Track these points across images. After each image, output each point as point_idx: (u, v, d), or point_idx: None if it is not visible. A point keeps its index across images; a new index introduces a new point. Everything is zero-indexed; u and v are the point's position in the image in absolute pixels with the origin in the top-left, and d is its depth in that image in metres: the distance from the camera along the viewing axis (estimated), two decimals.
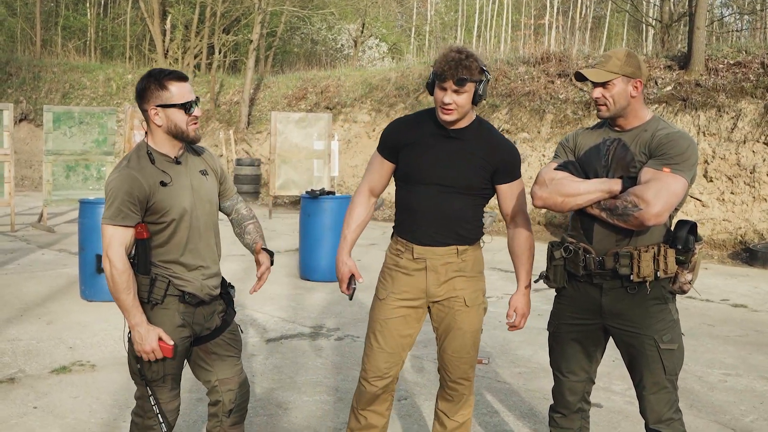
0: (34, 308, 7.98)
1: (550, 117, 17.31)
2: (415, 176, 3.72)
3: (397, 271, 3.77)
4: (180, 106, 3.34)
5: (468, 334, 3.74)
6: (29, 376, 5.79)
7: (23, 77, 29.44)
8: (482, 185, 3.69)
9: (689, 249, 3.30)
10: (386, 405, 3.89)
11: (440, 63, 3.51)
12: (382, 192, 3.97)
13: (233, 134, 23.90)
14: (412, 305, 3.75)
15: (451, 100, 3.50)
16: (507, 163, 3.70)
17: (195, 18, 31.11)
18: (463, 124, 3.65)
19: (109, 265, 3.22)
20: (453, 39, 36.30)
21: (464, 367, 3.78)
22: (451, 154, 3.65)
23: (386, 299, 3.78)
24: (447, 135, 3.66)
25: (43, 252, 11.76)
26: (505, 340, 7.12)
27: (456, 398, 3.84)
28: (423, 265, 3.69)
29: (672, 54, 17.22)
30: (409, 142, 3.73)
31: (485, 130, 3.72)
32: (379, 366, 3.78)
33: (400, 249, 3.78)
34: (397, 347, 3.77)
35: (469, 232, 3.72)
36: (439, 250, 3.68)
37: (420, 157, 3.70)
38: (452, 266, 3.68)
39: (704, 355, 6.75)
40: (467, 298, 3.71)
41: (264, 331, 7.24)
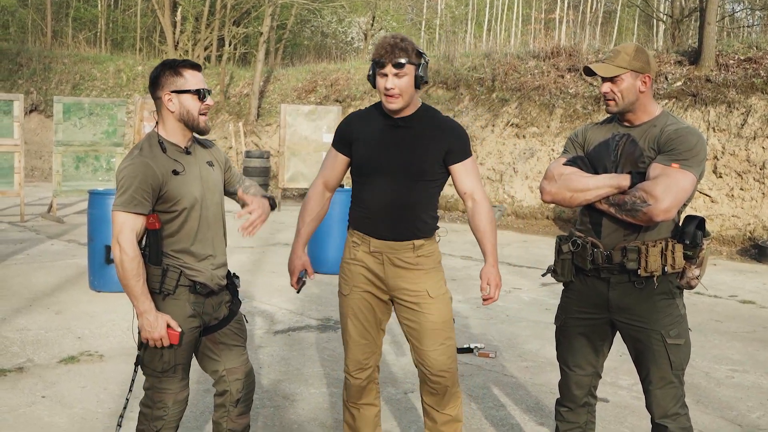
0: (42, 298, 8.01)
1: (560, 111, 17.28)
2: (366, 168, 3.75)
3: (355, 264, 3.80)
4: (194, 92, 3.38)
5: (439, 325, 3.73)
6: (38, 365, 5.82)
7: (34, 68, 29.49)
8: (435, 170, 3.70)
9: (697, 244, 3.30)
10: (373, 394, 3.94)
11: (377, 50, 3.57)
12: (337, 186, 3.98)
13: (243, 126, 23.92)
14: (377, 295, 3.79)
15: (393, 85, 3.54)
16: (456, 143, 3.71)
17: (205, 10, 31.11)
18: (409, 111, 3.69)
19: (120, 251, 3.24)
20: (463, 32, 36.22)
21: (442, 358, 3.75)
22: (400, 143, 3.68)
23: (350, 294, 3.82)
24: (395, 124, 3.70)
25: (53, 242, 11.80)
26: (513, 334, 7.13)
27: (441, 391, 3.80)
28: (381, 258, 3.72)
29: (682, 49, 17.16)
30: (360, 134, 3.78)
31: (431, 116, 3.76)
32: (358, 358, 3.84)
33: (356, 242, 3.81)
34: (370, 336, 3.83)
35: (425, 223, 3.73)
36: (395, 244, 3.70)
37: (370, 148, 3.73)
38: (410, 260, 3.70)
39: (711, 351, 6.74)
40: (430, 290, 3.71)
41: (272, 323, 7.26)
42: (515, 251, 12.38)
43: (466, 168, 3.74)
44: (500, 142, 17.88)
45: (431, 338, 3.72)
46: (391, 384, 5.56)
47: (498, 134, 18.06)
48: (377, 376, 3.96)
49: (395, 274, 3.70)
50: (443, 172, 3.74)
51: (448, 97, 19.97)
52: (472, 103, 19.33)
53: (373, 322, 3.82)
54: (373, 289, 3.77)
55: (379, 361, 3.93)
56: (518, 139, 17.62)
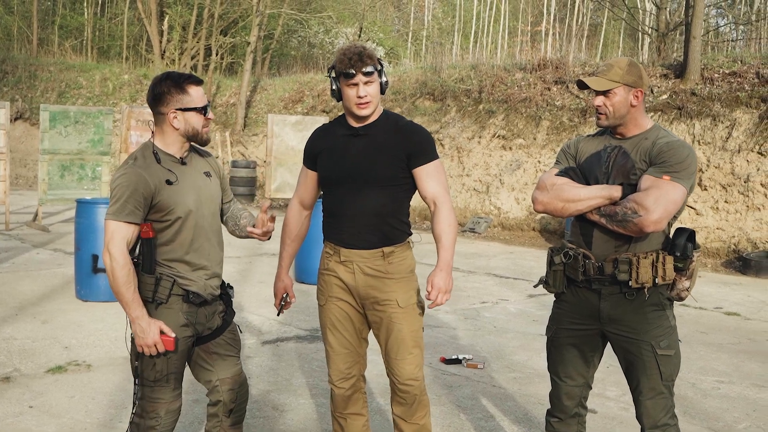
0: (29, 307, 7.97)
1: (546, 124, 17.36)
2: (331, 178, 3.76)
3: (329, 274, 3.80)
4: (199, 110, 3.42)
5: (408, 335, 3.71)
6: (25, 375, 5.79)
7: (19, 76, 29.40)
8: (399, 174, 3.68)
9: (687, 256, 3.33)
10: (360, 404, 3.93)
11: (343, 61, 3.58)
12: (314, 203, 3.98)
13: (229, 136, 23.92)
14: (352, 304, 3.78)
15: (365, 93, 3.57)
16: (418, 146, 3.68)
17: (192, 19, 31.14)
18: (371, 119, 3.71)
19: (110, 259, 3.25)
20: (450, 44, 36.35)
21: (409, 368, 3.74)
22: (362, 150, 3.68)
23: (326, 304, 3.83)
24: (356, 133, 3.71)
25: (38, 251, 11.75)
26: (501, 345, 7.15)
27: (409, 400, 3.79)
28: (351, 268, 3.71)
29: (668, 63, 17.29)
30: (324, 147, 3.80)
31: (392, 121, 3.76)
32: (340, 368, 3.84)
33: (329, 252, 3.81)
34: (352, 345, 3.82)
35: (394, 228, 3.71)
36: (364, 252, 3.68)
37: (332, 159, 3.75)
38: (380, 268, 3.69)
39: (697, 362, 6.78)
40: (400, 299, 3.69)
41: (260, 333, 7.25)
42: (502, 263, 12.41)
43: (428, 171, 3.69)
44: (487, 154, 17.94)
45: (399, 348, 3.72)
46: (380, 395, 5.57)
47: (485, 146, 18.13)
48: (363, 386, 3.95)
49: (365, 282, 3.69)
50: (408, 177, 3.71)
51: (435, 109, 20.04)
52: (458, 114, 19.41)
53: (352, 332, 3.81)
54: (348, 298, 3.76)
55: (363, 371, 3.93)
56: (505, 150, 17.69)
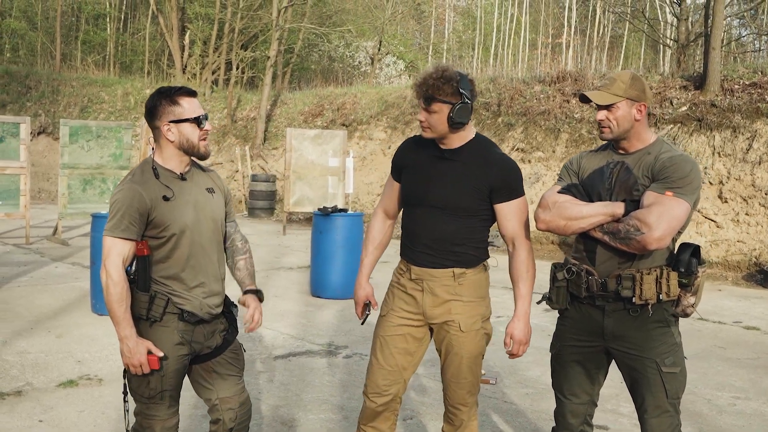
0: (44, 321, 8.01)
1: (566, 136, 17.30)
2: (411, 198, 3.74)
3: (399, 289, 3.79)
4: (192, 120, 3.39)
5: (464, 360, 3.68)
6: (36, 389, 5.80)
7: (42, 91, 29.70)
8: (477, 206, 3.61)
9: (692, 272, 3.28)
10: (388, 423, 3.86)
11: (415, 80, 3.57)
12: (398, 213, 3.96)
13: (249, 150, 23.99)
14: (412, 324, 3.74)
15: (423, 118, 3.54)
16: (502, 182, 3.59)
17: (213, 34, 31.32)
18: (456, 143, 3.63)
19: (105, 276, 3.25)
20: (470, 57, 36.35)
21: (461, 392, 3.74)
22: (445, 175, 3.63)
23: (387, 315, 3.80)
24: (441, 156, 3.65)
25: (57, 265, 11.82)
26: (514, 360, 7.07)
27: (456, 422, 3.81)
28: (421, 286, 3.68)
29: (688, 74, 17.19)
30: (409, 163, 3.77)
31: (482, 149, 3.66)
32: (378, 382, 3.78)
33: (402, 269, 3.80)
34: (397, 365, 3.76)
35: (466, 254, 3.67)
36: (435, 272, 3.65)
37: (415, 178, 3.72)
38: (449, 289, 3.65)
39: (714, 378, 6.70)
40: (462, 323, 3.64)
41: (272, 348, 7.24)
42: (541, 278, 12.32)
43: (510, 209, 3.61)
44: None
45: (453, 371, 3.70)
46: None
47: None
48: (397, 407, 3.86)
49: (433, 303, 3.66)
50: (488, 209, 3.63)
51: None
52: (478, 127, 19.37)
53: (402, 352, 3.75)
54: (410, 319, 3.73)
55: (402, 393, 3.84)
56: (524, 163, 17.63)
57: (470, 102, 3.50)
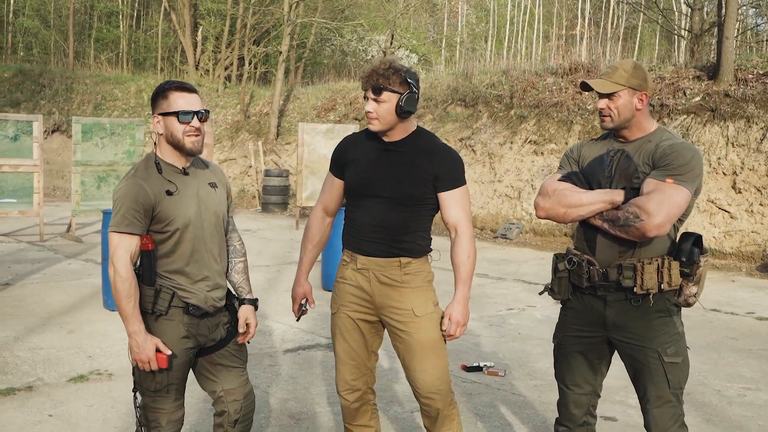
0: (56, 317, 8.05)
1: (578, 128, 17.23)
2: (356, 190, 3.75)
3: (344, 282, 3.79)
4: (174, 114, 3.37)
5: (426, 345, 3.65)
6: (47, 384, 5.84)
7: (56, 89, 29.82)
8: (424, 195, 3.64)
9: (693, 261, 3.26)
10: (368, 416, 3.89)
11: (363, 72, 3.61)
12: (337, 210, 3.97)
13: (262, 145, 24.03)
14: (365, 314, 3.75)
15: (371, 109, 3.56)
16: (446, 171, 3.64)
17: (226, 30, 31.36)
18: (399, 135, 3.66)
19: (113, 272, 3.27)
20: (483, 50, 36.28)
21: (430, 380, 3.66)
22: (390, 166, 3.65)
23: (338, 312, 3.81)
24: (386, 148, 3.68)
25: (70, 262, 11.88)
26: (524, 352, 7.08)
27: (432, 413, 3.73)
28: (367, 275, 3.69)
29: (701, 64, 17.08)
30: (353, 158, 3.78)
31: (425, 140, 3.70)
32: (346, 379, 3.80)
33: (346, 260, 3.80)
34: (359, 358, 3.78)
35: (413, 243, 3.68)
36: (382, 261, 3.66)
37: (360, 171, 3.73)
38: (396, 277, 3.65)
39: (725, 369, 6.66)
40: (416, 308, 3.64)
41: (282, 342, 7.25)
42: (532, 269, 12.31)
43: (453, 197, 3.66)
44: (518, 159, 17.85)
45: (418, 359, 3.66)
46: (397, 403, 5.54)
47: (516, 151, 18.03)
48: (371, 398, 3.90)
49: (381, 291, 3.67)
50: (433, 197, 3.67)
51: (467, 115, 19.99)
52: (490, 120, 19.33)
53: (360, 343, 3.77)
54: (360, 309, 3.73)
55: (371, 384, 3.87)
56: (536, 156, 17.58)
57: (417, 92, 3.57)
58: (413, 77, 3.57)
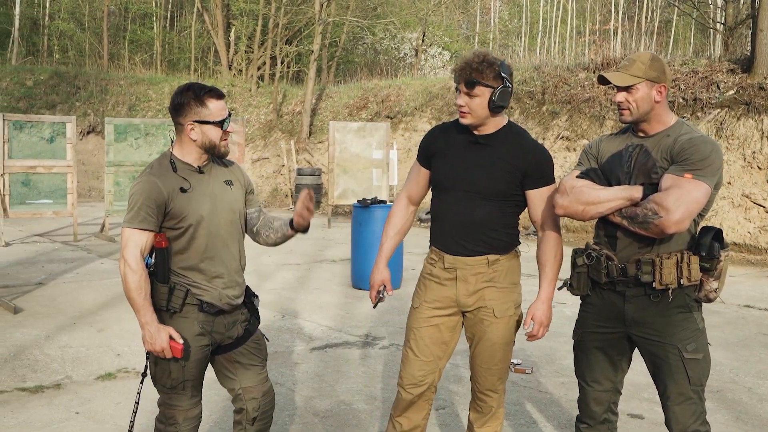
0: (87, 316, 8.13)
1: (611, 123, 17.08)
2: (443, 183, 3.72)
3: (430, 279, 3.77)
4: (217, 123, 3.42)
5: (497, 346, 3.67)
6: (75, 382, 5.89)
7: (91, 90, 30.10)
8: (511, 191, 3.62)
9: (714, 256, 3.21)
10: (423, 413, 3.86)
11: (456, 65, 3.55)
12: (421, 200, 3.95)
13: (295, 144, 24.10)
14: (445, 314, 3.72)
15: (463, 102, 3.53)
16: (536, 168, 3.61)
17: (258, 30, 31.48)
18: (490, 129, 3.62)
19: (123, 265, 3.29)
20: (516, 46, 36.13)
21: (492, 378, 3.73)
22: (478, 160, 3.62)
23: (419, 308, 3.78)
24: (475, 141, 3.65)
25: (102, 261, 11.99)
26: (552, 349, 7.03)
27: (485, 409, 3.80)
28: (454, 275, 3.66)
29: (735, 57, 16.86)
30: (440, 149, 3.74)
31: (515, 135, 3.66)
32: (414, 373, 3.77)
33: (433, 258, 3.77)
34: (432, 355, 3.75)
35: (499, 240, 3.66)
36: (469, 260, 3.64)
37: (447, 163, 3.70)
38: (482, 276, 3.63)
39: (756, 366, 6.56)
40: (496, 309, 3.64)
41: (310, 340, 7.26)
42: (564, 265, 12.22)
43: (540, 195, 3.64)
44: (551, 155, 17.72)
45: (485, 357, 3.69)
46: None
47: (549, 147, 17.92)
48: (432, 397, 3.87)
49: (466, 291, 3.65)
50: (520, 194, 3.65)
51: None
52: (522, 116, 19.23)
53: (437, 340, 3.75)
54: (443, 308, 3.72)
55: (437, 382, 3.84)
56: (569, 152, 17.47)
57: (510, 87, 3.52)
58: (507, 71, 3.52)
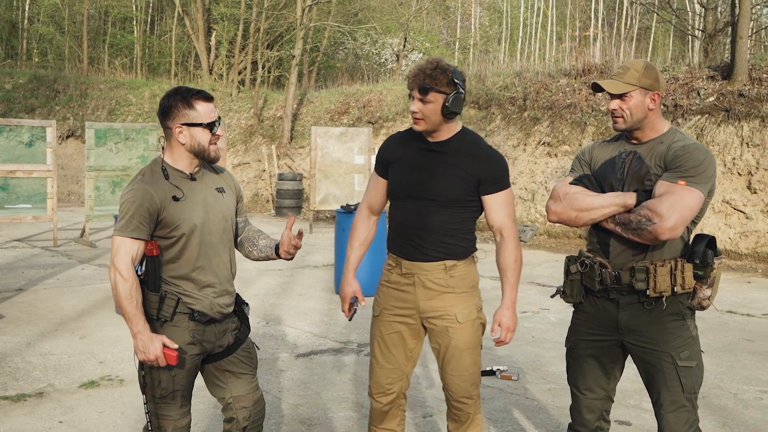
0: (68, 323, 8.04)
1: (592, 129, 17.15)
2: (399, 191, 3.72)
3: (388, 287, 3.76)
4: (205, 126, 3.37)
5: (465, 351, 3.65)
6: (58, 390, 5.82)
7: (71, 94, 29.89)
8: (467, 197, 3.61)
9: (707, 263, 3.21)
10: (396, 421, 3.87)
11: (409, 72, 3.56)
12: (382, 209, 3.94)
13: (276, 149, 24.04)
14: (406, 321, 3.72)
15: (417, 109, 3.53)
16: (491, 174, 3.59)
17: (239, 34, 31.41)
18: (444, 136, 3.63)
19: (114, 274, 3.24)
20: (497, 52, 36.23)
21: (465, 385, 3.68)
22: (433, 167, 3.62)
23: (380, 315, 3.79)
24: (430, 148, 3.65)
25: (83, 267, 11.89)
26: (537, 356, 7.02)
27: (462, 417, 3.75)
28: (412, 280, 3.66)
29: (715, 64, 16.97)
30: (396, 157, 3.75)
31: (469, 141, 3.67)
32: (381, 382, 3.78)
33: (391, 264, 3.77)
34: (396, 362, 3.76)
35: (457, 245, 3.65)
36: (426, 265, 3.63)
37: (403, 171, 3.70)
38: (441, 281, 3.63)
39: (741, 372, 6.58)
40: (459, 314, 3.63)
41: (294, 347, 7.22)
42: (546, 271, 12.26)
43: (497, 201, 3.62)
44: (532, 161, 17.77)
45: (455, 364, 3.66)
46: (409, 408, 5.49)
47: (530, 153, 17.96)
48: (403, 403, 3.88)
49: (426, 296, 3.64)
50: (476, 200, 3.63)
51: (480, 117, 19.92)
52: (503, 122, 19.26)
53: (400, 348, 3.75)
54: (404, 314, 3.71)
55: (405, 389, 3.85)
56: (550, 157, 17.51)
57: (463, 93, 3.52)
58: (460, 77, 3.52)
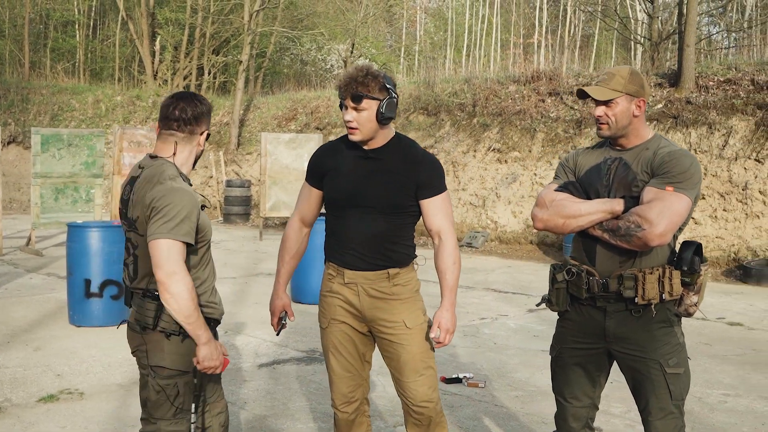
0: (21, 334, 7.83)
1: (541, 136, 17.28)
2: (338, 201, 3.67)
3: (332, 296, 3.71)
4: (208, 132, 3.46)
5: (419, 355, 3.63)
6: (16, 405, 5.64)
7: (12, 99, 29.27)
8: (406, 203, 3.60)
9: (695, 270, 3.21)
10: (363, 428, 3.85)
11: (339, 81, 3.52)
12: (314, 220, 3.89)
13: (223, 155, 23.81)
14: (355, 327, 3.70)
15: (351, 118, 3.49)
16: (428, 178, 3.59)
17: (184, 39, 31.09)
18: (379, 142, 3.60)
19: (173, 279, 3.04)
20: (443, 58, 36.35)
21: (423, 389, 3.65)
22: (371, 175, 3.59)
23: (329, 327, 3.74)
24: (365, 156, 3.62)
25: (31, 276, 11.60)
26: (501, 362, 7.02)
27: (424, 422, 3.70)
28: (356, 290, 3.63)
29: (662, 72, 17.23)
30: (331, 167, 3.70)
31: (404, 147, 3.65)
32: (343, 391, 3.75)
33: (331, 274, 3.72)
34: (354, 369, 3.74)
35: (398, 253, 3.63)
36: (369, 274, 3.61)
37: (340, 180, 3.65)
38: (385, 290, 3.61)
39: (702, 376, 6.65)
40: (407, 320, 3.61)
41: (256, 356, 7.11)
42: (500, 277, 12.29)
43: (435, 205, 3.61)
44: (482, 168, 17.85)
45: (410, 369, 3.63)
46: (379, 417, 5.44)
47: (480, 159, 18.03)
48: (367, 409, 3.85)
49: (371, 304, 3.61)
50: (415, 205, 3.62)
51: (429, 123, 19.96)
52: (453, 128, 19.32)
53: (355, 355, 3.72)
54: (351, 321, 3.67)
55: (366, 394, 3.83)
56: (500, 164, 17.60)
57: (396, 98, 3.51)
58: (391, 82, 3.51)
